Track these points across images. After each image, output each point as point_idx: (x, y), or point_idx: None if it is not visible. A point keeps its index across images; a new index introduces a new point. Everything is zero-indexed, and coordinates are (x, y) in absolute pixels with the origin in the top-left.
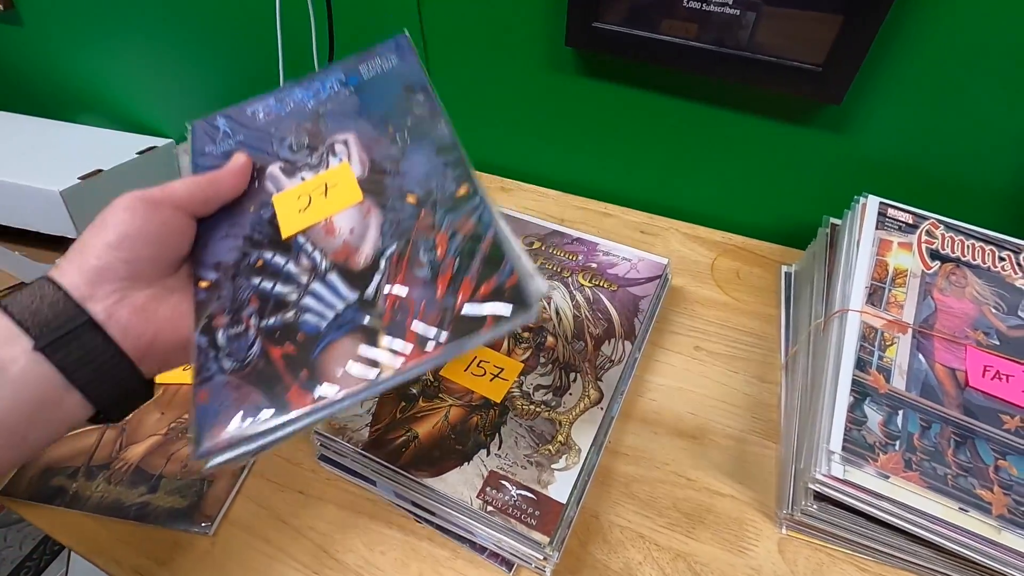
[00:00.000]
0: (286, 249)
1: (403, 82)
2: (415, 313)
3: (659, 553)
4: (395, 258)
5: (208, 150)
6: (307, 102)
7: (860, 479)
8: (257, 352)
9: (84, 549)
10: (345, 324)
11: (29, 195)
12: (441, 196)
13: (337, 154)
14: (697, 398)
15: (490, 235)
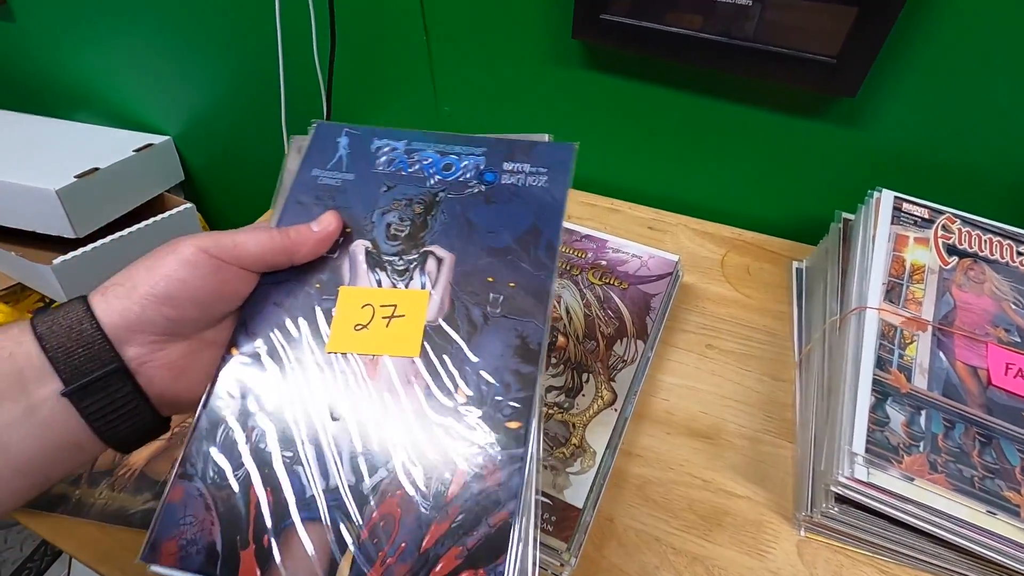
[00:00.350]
0: (324, 366)
1: (537, 217)
2: (393, 547)
3: (676, 557)
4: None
5: (315, 173)
6: (432, 174)
7: (884, 482)
8: (241, 477)
9: (87, 557)
10: (329, 508)
11: (25, 194)
12: (491, 412)
13: (425, 272)
14: (710, 397)
15: (507, 511)
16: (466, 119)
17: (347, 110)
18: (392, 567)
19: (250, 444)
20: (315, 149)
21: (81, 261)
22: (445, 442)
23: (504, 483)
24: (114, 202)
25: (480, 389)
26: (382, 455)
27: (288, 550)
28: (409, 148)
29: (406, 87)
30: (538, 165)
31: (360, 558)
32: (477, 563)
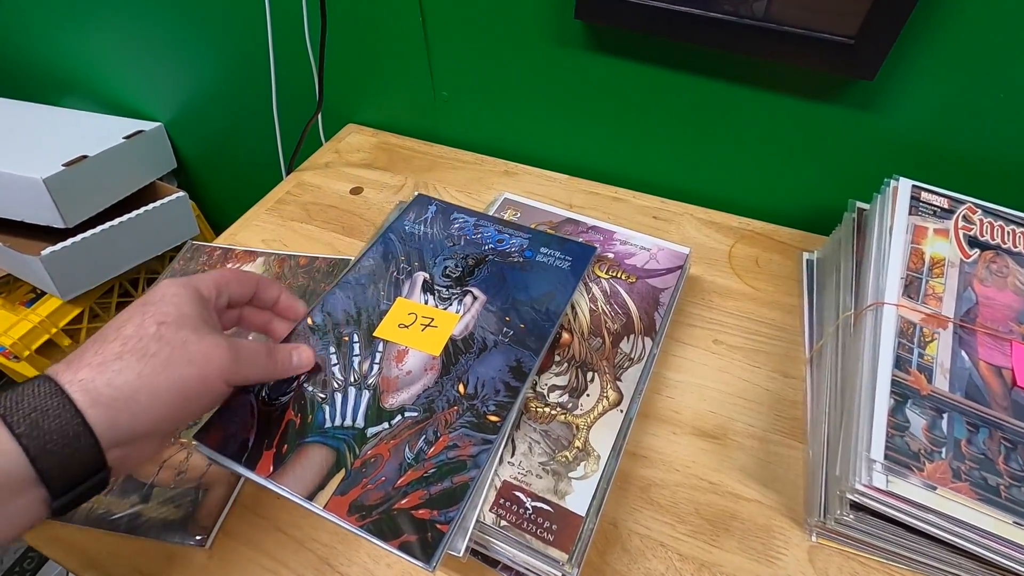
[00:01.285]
0: (368, 343)
1: (555, 287)
2: (375, 479)
3: (682, 563)
4: (409, 422)
5: (406, 223)
6: (488, 242)
7: (905, 490)
8: (283, 403)
9: (74, 564)
10: (336, 439)
11: (11, 183)
12: (479, 406)
13: (463, 303)
14: (717, 395)
15: (470, 476)
16: (464, 105)
17: (341, 97)
18: (370, 491)
19: (296, 382)
20: (412, 208)
21: (71, 252)
22: (442, 415)
23: (473, 456)
24: (104, 191)
25: (476, 388)
26: (389, 415)
27: (298, 459)
28: (477, 223)
29: (402, 72)
30: (565, 255)
31: (349, 479)
32: (435, 505)
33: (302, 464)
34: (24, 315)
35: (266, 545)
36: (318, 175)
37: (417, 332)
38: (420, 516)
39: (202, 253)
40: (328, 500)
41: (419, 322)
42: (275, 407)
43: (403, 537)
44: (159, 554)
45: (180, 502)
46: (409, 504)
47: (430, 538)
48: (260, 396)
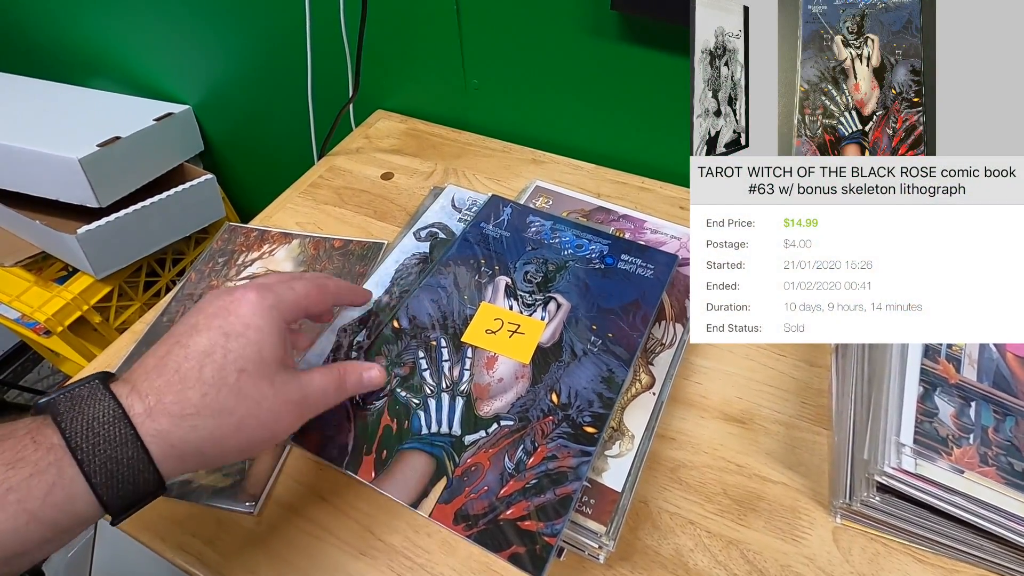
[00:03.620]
0: (456, 349)
1: (640, 296)
2: (477, 487)
3: (710, 540)
4: (505, 431)
5: (483, 225)
6: (566, 248)
7: (933, 473)
8: (378, 407)
9: (128, 526)
10: (435, 446)
11: (48, 163)
12: (574, 416)
13: (547, 310)
14: (743, 381)
15: (571, 488)
16: (494, 93)
17: (371, 83)
18: (474, 501)
19: (390, 387)
20: (487, 210)
21: (105, 231)
22: (537, 425)
23: (573, 468)
24: (136, 171)
25: (569, 398)
26: (484, 423)
27: (399, 465)
28: (554, 227)
29: (434, 60)
30: (648, 263)
31: (451, 487)
32: (541, 517)
33: (403, 470)
34: (57, 292)
35: (311, 512)
36: (349, 160)
37: (505, 339)
38: (526, 528)
39: (239, 235)
40: (433, 508)
41: (506, 328)
42: (370, 411)
43: (512, 548)
44: (209, 519)
45: (229, 471)
46: (514, 515)
47: (539, 551)
48: (355, 401)
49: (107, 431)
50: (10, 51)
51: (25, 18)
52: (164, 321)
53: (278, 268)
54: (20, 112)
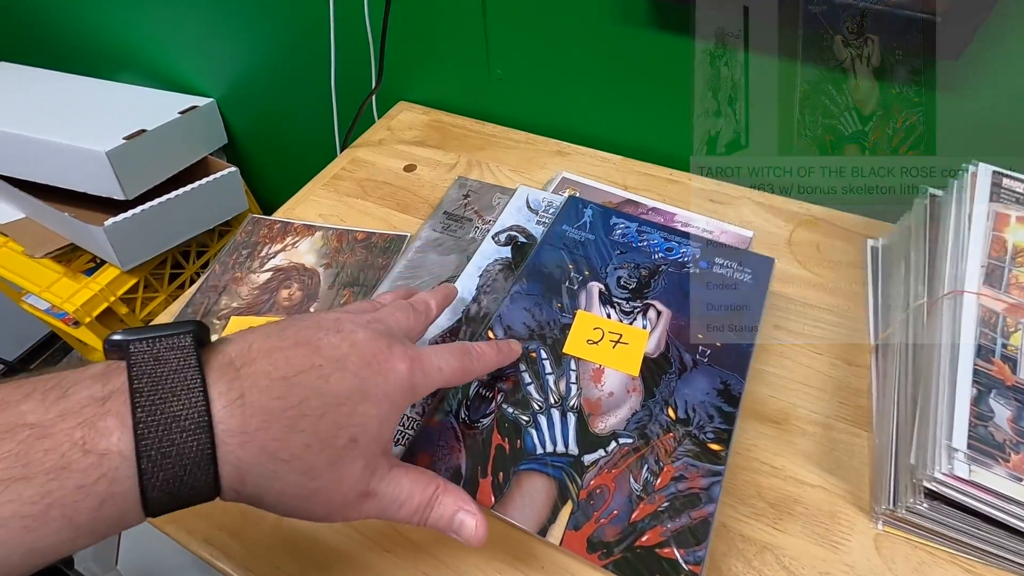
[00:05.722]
0: (557, 360)
1: (743, 300)
2: (606, 511)
3: (744, 544)
4: (625, 450)
5: (564, 227)
6: (657, 251)
7: (988, 480)
8: (487, 424)
9: (156, 519)
10: (554, 467)
11: (75, 155)
12: (696, 433)
13: (647, 318)
14: (779, 380)
15: (707, 511)
16: (518, 83)
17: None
18: (605, 527)
19: (495, 403)
20: (565, 212)
21: (131, 223)
22: (659, 443)
23: (705, 489)
24: (161, 164)
25: (687, 413)
26: (602, 441)
27: (519, 488)
28: (640, 229)
29: (458, 50)
30: (744, 267)
31: (578, 511)
32: (680, 544)
33: (523, 494)
34: (85, 283)
35: None
36: (372, 152)
37: (608, 349)
38: (666, 555)
39: (262, 227)
40: (563, 536)
41: (608, 338)
42: (478, 430)
43: None
44: (235, 512)
45: None
46: (651, 542)
47: None
48: (461, 419)
49: (184, 440)
50: (40, 46)
51: (54, 14)
52: (189, 312)
53: (301, 260)
54: (49, 106)
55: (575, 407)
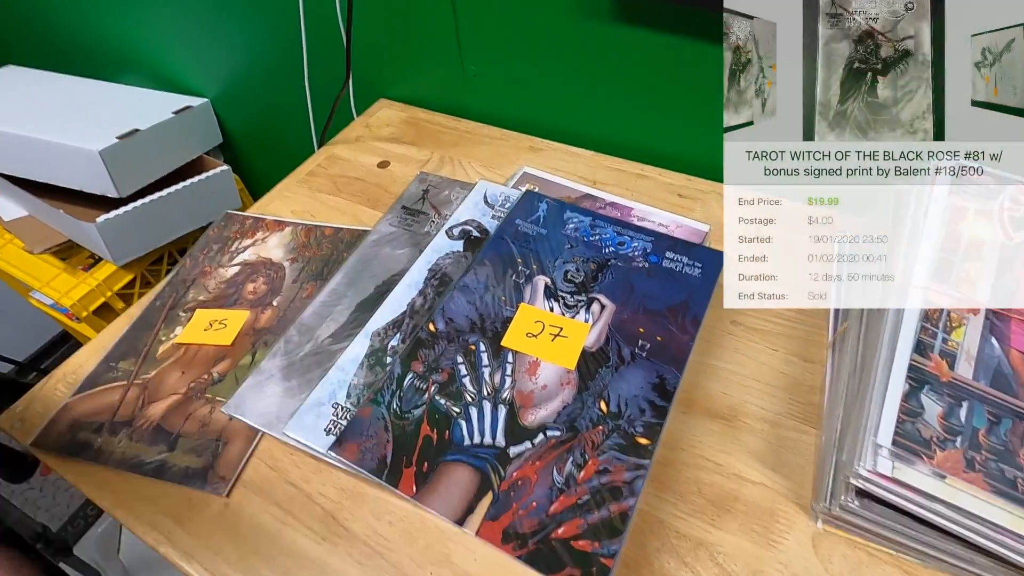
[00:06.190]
0: (495, 353)
1: (689, 296)
2: (524, 505)
3: (679, 541)
4: (552, 442)
5: (518, 222)
6: (608, 246)
7: (911, 478)
8: (417, 416)
9: (106, 503)
10: (479, 458)
11: (70, 154)
12: (625, 426)
13: (591, 311)
14: (731, 376)
15: (628, 504)
16: (491, 80)
17: (373, 73)
18: (522, 518)
19: (428, 394)
20: (520, 207)
21: (123, 220)
22: (587, 436)
23: (628, 483)
24: (155, 163)
25: (619, 406)
26: (530, 433)
27: (441, 479)
28: (593, 223)
29: (432, 48)
30: (695, 260)
31: (498, 502)
32: (595, 536)
33: (446, 485)
34: (83, 279)
35: (278, 496)
36: (348, 149)
37: (547, 342)
38: (581, 548)
39: (235, 222)
40: (480, 526)
41: (547, 331)
42: (408, 421)
43: (566, 571)
44: (181, 499)
45: (202, 452)
46: (567, 534)
47: (595, 573)
48: (392, 409)
49: None
50: (45, 50)
51: (58, 19)
52: (156, 305)
53: (269, 255)
54: (50, 107)
55: (507, 399)
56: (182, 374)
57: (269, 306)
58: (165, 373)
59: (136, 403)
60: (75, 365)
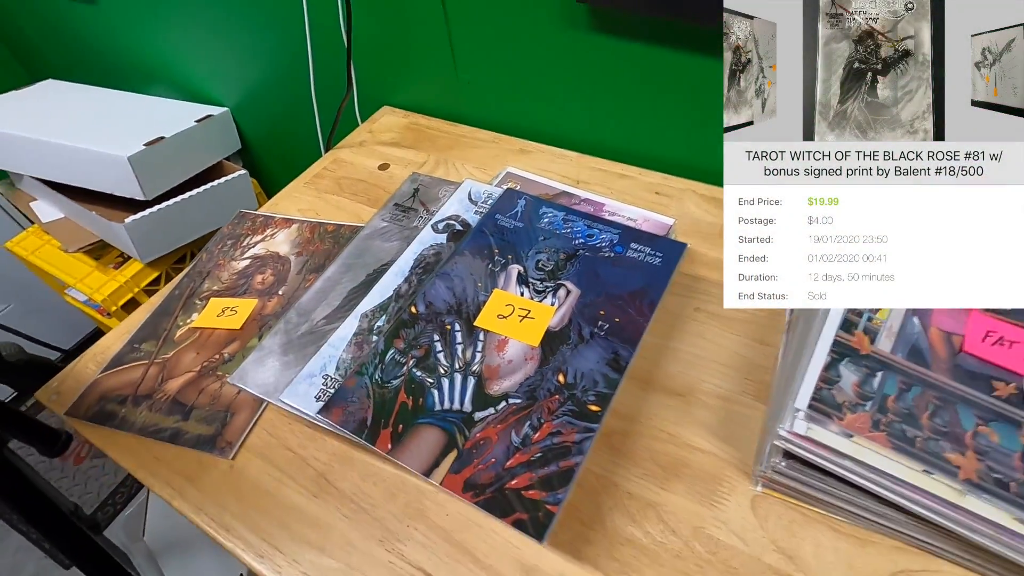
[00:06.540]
0: (469, 332)
1: (647, 283)
2: (484, 461)
3: (630, 501)
4: (513, 408)
5: (497, 217)
6: (578, 237)
7: (822, 436)
8: (396, 384)
9: (128, 464)
10: (447, 421)
11: (100, 160)
12: (579, 395)
13: (556, 296)
14: (690, 358)
15: (574, 461)
16: (484, 87)
17: (376, 82)
18: (481, 471)
19: (406, 367)
20: (500, 203)
21: (149, 220)
22: (544, 404)
23: (577, 443)
24: (178, 167)
25: (575, 378)
26: (494, 400)
27: (413, 439)
28: (566, 218)
29: (429, 58)
30: (656, 251)
31: (461, 458)
32: (544, 487)
33: (417, 443)
34: (112, 276)
35: (276, 460)
36: (352, 152)
37: (515, 323)
38: (530, 496)
39: (247, 220)
40: (444, 477)
41: (517, 313)
42: (388, 389)
43: (516, 515)
44: (193, 461)
45: (212, 421)
46: (519, 485)
47: (541, 517)
48: (374, 379)
49: None
50: (82, 65)
51: (95, 36)
52: (176, 294)
53: (277, 249)
54: (82, 116)
55: (476, 372)
56: (196, 354)
57: (275, 295)
58: (182, 353)
59: (156, 379)
60: (104, 347)
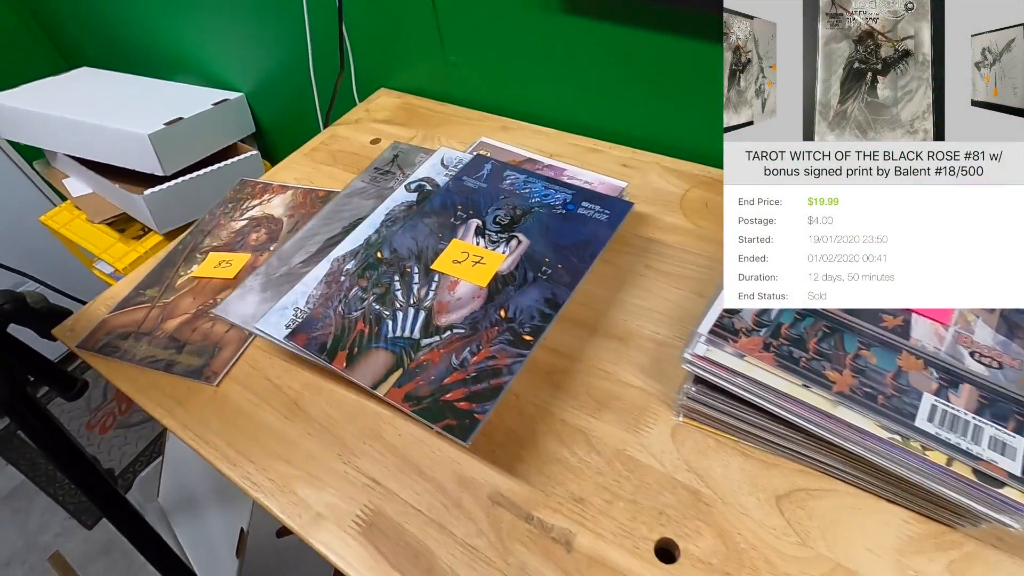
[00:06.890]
0: (426, 274)
1: (591, 236)
2: (425, 378)
3: (563, 427)
4: (456, 337)
5: (464, 179)
6: (535, 196)
7: (718, 357)
8: (356, 316)
9: (128, 388)
10: (396, 345)
11: (124, 138)
12: (517, 327)
13: (508, 246)
14: (635, 309)
15: (504, 380)
16: (470, 69)
17: (374, 65)
18: (422, 386)
19: (367, 302)
20: (470, 166)
21: (167, 193)
22: (484, 332)
23: (508, 366)
24: (195, 147)
25: (515, 313)
26: (440, 330)
27: (366, 360)
28: (527, 180)
29: (419, 42)
30: (604, 208)
31: (405, 376)
32: (474, 400)
33: (368, 363)
34: (133, 247)
35: (255, 387)
36: (348, 129)
37: (468, 267)
38: (461, 407)
39: (248, 186)
40: (388, 390)
41: (471, 259)
42: (349, 320)
43: (446, 421)
44: (183, 387)
45: (202, 354)
46: (453, 398)
47: (468, 423)
48: (337, 311)
49: None
50: (113, 53)
51: (125, 27)
52: (179, 248)
53: (272, 212)
54: (110, 99)
55: (427, 307)
56: (193, 299)
57: (267, 250)
58: (181, 299)
59: (156, 320)
60: (114, 292)
